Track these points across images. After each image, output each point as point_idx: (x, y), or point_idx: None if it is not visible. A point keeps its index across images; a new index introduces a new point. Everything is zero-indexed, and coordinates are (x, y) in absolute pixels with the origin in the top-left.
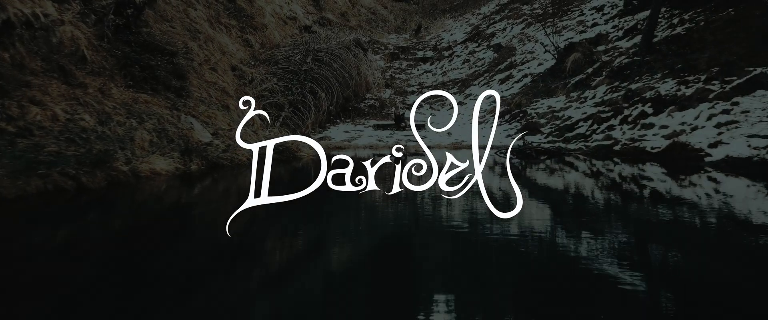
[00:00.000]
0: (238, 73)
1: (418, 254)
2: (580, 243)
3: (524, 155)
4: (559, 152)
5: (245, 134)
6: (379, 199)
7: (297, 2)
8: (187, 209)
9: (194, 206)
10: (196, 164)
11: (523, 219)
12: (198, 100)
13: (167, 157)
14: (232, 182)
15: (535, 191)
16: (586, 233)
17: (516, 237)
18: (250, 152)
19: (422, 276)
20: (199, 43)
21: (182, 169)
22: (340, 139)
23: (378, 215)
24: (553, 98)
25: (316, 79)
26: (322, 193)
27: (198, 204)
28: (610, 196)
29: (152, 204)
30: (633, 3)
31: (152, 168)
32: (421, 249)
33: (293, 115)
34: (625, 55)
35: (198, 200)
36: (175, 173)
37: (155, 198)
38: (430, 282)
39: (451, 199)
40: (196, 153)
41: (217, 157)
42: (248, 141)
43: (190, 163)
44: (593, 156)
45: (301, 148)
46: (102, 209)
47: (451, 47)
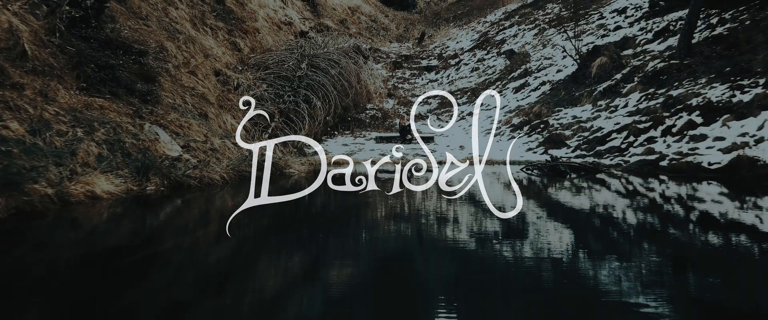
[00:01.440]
0: (223, 78)
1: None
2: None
3: (557, 172)
4: (597, 168)
5: (225, 146)
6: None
7: (293, 7)
8: (102, 260)
9: (117, 255)
10: (154, 184)
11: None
12: (169, 107)
13: (116, 176)
14: (194, 209)
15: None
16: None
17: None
18: (227, 169)
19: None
20: (177, 43)
21: (134, 191)
22: (339, 153)
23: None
24: (578, 107)
25: (312, 86)
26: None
27: (126, 251)
28: (689, 231)
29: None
30: (660, 4)
31: (90, 190)
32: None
33: (284, 125)
34: (660, 58)
35: (131, 244)
36: (123, 197)
37: (59, 239)
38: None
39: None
40: (155, 170)
41: (182, 175)
42: (224, 156)
43: (145, 183)
44: (636, 173)
45: (290, 163)
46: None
47: (457, 55)
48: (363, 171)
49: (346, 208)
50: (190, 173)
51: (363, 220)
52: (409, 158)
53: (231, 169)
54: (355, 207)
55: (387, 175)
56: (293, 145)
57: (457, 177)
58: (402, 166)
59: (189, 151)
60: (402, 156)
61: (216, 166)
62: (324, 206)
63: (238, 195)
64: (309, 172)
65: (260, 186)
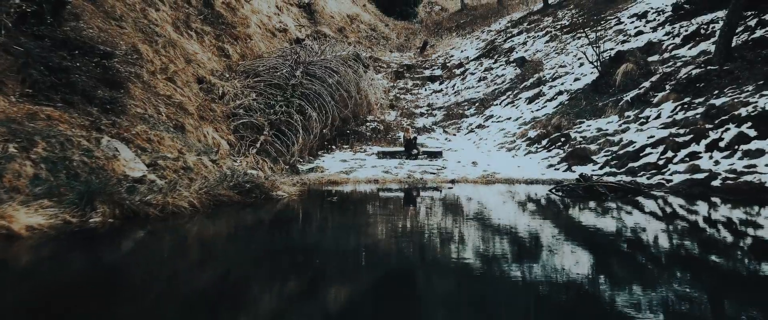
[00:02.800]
0: (207, 86)
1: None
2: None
3: (592, 193)
4: (639, 189)
5: (201, 164)
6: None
7: (288, 14)
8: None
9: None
10: (101, 214)
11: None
12: (137, 118)
13: (52, 204)
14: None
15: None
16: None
17: None
18: (199, 193)
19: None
20: (155, 47)
21: (73, 224)
22: (336, 170)
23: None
24: (603, 118)
25: (307, 95)
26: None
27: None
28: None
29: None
30: (684, 7)
31: (5, 225)
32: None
33: (275, 139)
34: (693, 64)
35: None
36: (52, 233)
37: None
38: None
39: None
40: (105, 196)
41: (140, 201)
42: (199, 175)
43: (90, 213)
44: (684, 194)
45: (278, 184)
46: None
47: (462, 64)
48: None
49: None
50: (150, 199)
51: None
52: (417, 176)
53: (205, 193)
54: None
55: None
56: (285, 161)
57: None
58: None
59: (156, 171)
60: (408, 174)
61: (184, 190)
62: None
63: (206, 231)
64: (302, 193)
65: None
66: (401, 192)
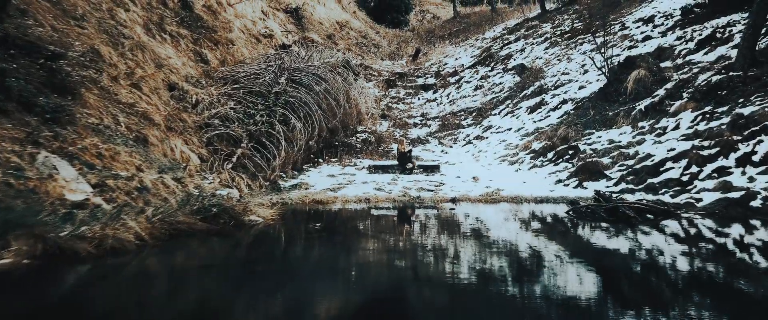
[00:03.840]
0: (178, 94)
1: None
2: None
3: (617, 216)
4: (669, 210)
5: (160, 184)
6: None
7: (275, 19)
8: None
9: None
10: (14, 252)
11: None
12: (88, 129)
13: None
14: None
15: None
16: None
17: None
18: (152, 221)
19: None
20: (120, 50)
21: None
22: (323, 187)
23: None
24: (614, 129)
25: (291, 104)
26: None
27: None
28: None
29: None
30: (694, 11)
31: None
32: None
33: (254, 152)
34: (712, 70)
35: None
36: None
37: None
38: None
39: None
40: (25, 227)
41: (71, 235)
42: (158, 198)
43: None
44: (719, 216)
45: (251, 207)
46: None
47: (457, 72)
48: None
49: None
50: (83, 231)
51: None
52: (412, 194)
53: (160, 221)
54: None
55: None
56: (265, 177)
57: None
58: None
59: (103, 192)
60: (403, 192)
61: (129, 219)
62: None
63: (139, 279)
64: (280, 218)
65: None
66: (396, 215)
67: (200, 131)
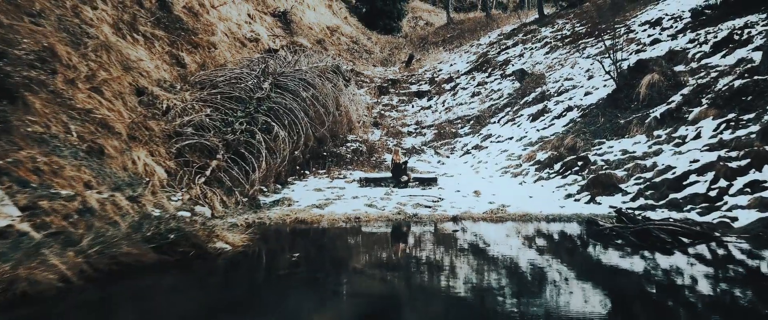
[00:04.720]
0: (148, 100)
1: None
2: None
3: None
4: (710, 234)
5: (109, 205)
6: None
7: (262, 23)
8: None
9: None
10: None
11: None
12: (28, 139)
13: None
14: None
15: None
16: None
17: None
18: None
19: None
20: (82, 50)
21: None
22: (308, 203)
23: None
24: (628, 138)
25: (275, 110)
26: None
27: None
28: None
29: None
30: (705, 13)
31: None
32: None
33: (232, 164)
34: (733, 74)
35: None
36: None
37: None
38: None
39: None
40: None
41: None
42: (102, 223)
43: None
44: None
45: (219, 232)
46: None
47: (452, 79)
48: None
49: None
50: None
51: None
52: (408, 211)
53: (98, 253)
54: None
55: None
56: (243, 192)
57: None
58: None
59: (34, 216)
60: (397, 208)
61: (52, 256)
62: None
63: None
64: (253, 244)
65: None
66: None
67: (169, 141)
